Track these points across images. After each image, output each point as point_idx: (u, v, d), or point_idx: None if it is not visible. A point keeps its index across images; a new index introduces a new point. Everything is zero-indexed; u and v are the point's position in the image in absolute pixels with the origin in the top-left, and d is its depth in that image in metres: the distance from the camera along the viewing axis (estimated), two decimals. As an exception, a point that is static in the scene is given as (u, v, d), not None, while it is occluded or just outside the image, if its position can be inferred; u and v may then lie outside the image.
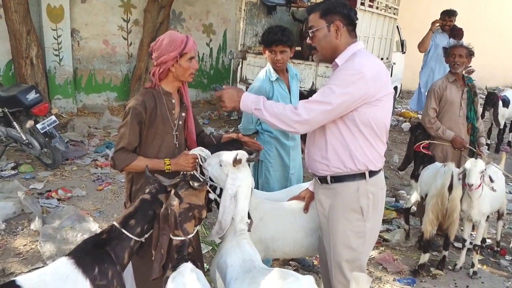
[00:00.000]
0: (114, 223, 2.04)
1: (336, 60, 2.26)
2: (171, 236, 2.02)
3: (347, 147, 2.24)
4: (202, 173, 2.40)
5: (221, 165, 2.27)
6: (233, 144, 2.60)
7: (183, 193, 2.07)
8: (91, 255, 1.93)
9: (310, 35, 2.28)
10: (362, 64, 2.16)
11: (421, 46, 6.75)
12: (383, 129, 2.28)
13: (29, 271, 3.47)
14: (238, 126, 3.50)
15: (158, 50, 2.34)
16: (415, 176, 4.21)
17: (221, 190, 2.32)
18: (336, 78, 2.17)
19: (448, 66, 4.21)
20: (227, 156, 2.27)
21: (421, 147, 4.04)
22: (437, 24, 6.60)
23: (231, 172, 2.24)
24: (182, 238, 2.02)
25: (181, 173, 2.37)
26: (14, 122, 5.43)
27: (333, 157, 2.28)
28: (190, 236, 2.04)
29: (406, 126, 8.48)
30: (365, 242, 2.35)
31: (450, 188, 3.56)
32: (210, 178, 2.37)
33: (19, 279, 1.76)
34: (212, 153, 2.43)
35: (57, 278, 1.80)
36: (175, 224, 1.99)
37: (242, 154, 2.28)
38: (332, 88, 2.14)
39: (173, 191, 2.08)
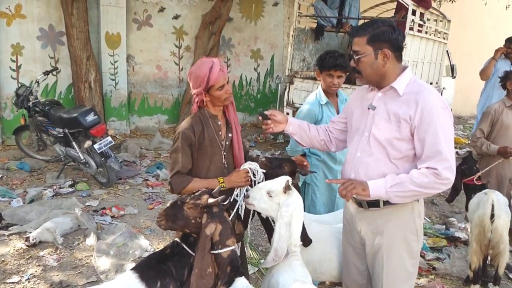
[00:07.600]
0: (176, 239, 2.13)
1: (394, 85, 2.16)
2: (219, 250, 2.00)
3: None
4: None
5: (271, 196, 2.25)
6: (285, 166, 2.62)
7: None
8: (154, 269, 2.03)
9: (355, 59, 2.17)
10: (442, 99, 2.14)
11: (483, 74, 6.52)
12: None
13: (84, 284, 3.63)
14: (286, 148, 3.54)
15: (191, 82, 2.42)
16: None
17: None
18: (439, 122, 2.06)
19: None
20: (275, 185, 2.26)
21: (474, 180, 3.94)
22: (501, 52, 6.34)
23: (283, 200, 2.24)
24: (232, 248, 2.01)
25: (235, 190, 2.44)
26: (73, 142, 5.72)
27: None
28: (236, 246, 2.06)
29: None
30: (416, 263, 2.35)
31: (492, 217, 3.42)
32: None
33: None
34: (266, 177, 2.46)
35: None
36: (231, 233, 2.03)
37: (288, 179, 2.28)
38: (447, 135, 2.07)
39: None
